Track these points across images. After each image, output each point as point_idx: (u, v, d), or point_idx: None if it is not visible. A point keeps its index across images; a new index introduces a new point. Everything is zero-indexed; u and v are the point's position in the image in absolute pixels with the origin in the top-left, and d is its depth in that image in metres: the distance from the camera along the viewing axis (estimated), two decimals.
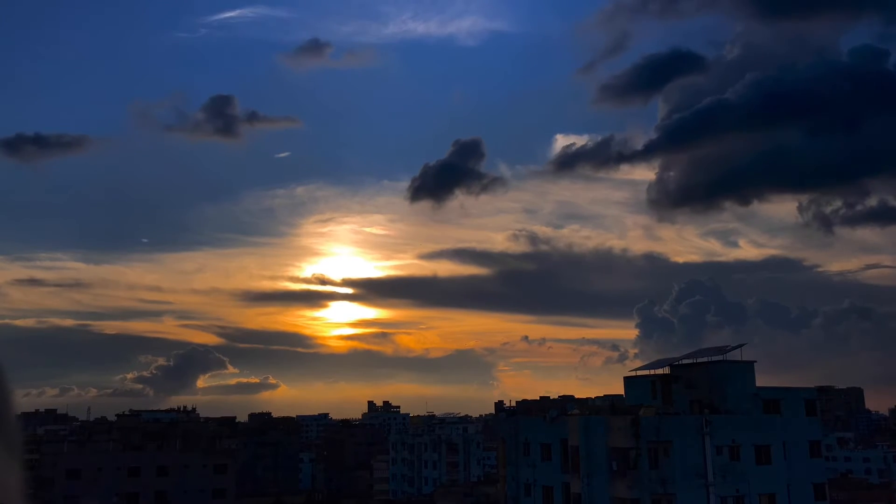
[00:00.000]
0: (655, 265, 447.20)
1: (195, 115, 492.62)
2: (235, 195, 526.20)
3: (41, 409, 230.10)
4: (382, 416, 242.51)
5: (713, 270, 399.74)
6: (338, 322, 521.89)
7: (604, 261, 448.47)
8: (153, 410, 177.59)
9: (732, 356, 59.64)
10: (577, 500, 52.68)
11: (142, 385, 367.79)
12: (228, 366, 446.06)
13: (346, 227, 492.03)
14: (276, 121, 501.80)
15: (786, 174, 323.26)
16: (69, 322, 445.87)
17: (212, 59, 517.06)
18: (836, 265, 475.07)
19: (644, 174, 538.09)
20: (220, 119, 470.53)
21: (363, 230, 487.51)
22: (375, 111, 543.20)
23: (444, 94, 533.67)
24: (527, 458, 58.67)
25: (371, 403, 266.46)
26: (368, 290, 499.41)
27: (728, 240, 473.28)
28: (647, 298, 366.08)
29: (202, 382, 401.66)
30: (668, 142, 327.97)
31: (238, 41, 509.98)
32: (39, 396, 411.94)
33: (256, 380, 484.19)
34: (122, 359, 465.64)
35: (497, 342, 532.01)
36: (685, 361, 62.00)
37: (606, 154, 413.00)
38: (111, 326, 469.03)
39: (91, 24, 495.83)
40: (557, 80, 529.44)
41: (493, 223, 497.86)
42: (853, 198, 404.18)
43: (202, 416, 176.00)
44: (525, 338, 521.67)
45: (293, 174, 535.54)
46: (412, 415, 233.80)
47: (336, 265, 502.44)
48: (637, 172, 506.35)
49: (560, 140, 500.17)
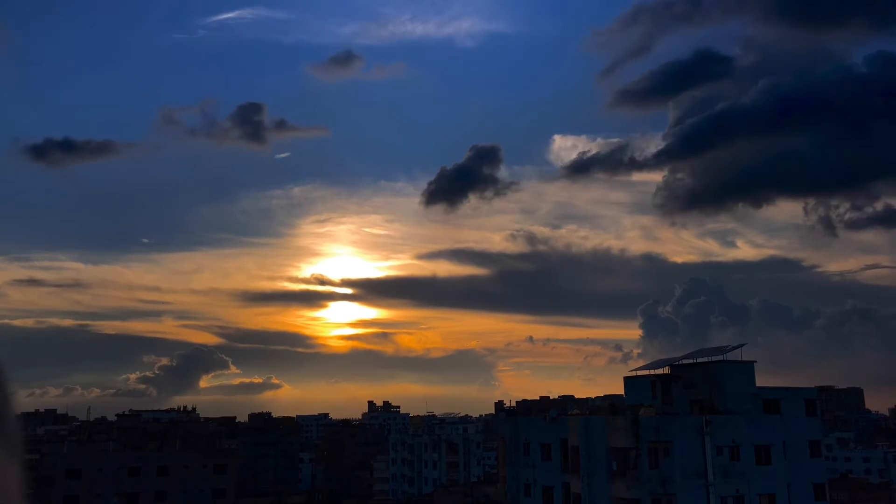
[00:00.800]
0: (654, 265, 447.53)
1: (223, 122, 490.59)
2: (232, 196, 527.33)
3: (41, 409, 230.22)
4: (382, 416, 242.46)
5: (712, 271, 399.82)
6: (338, 322, 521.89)
7: (602, 261, 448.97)
8: (153, 410, 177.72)
9: (732, 356, 59.61)
10: (577, 500, 52.68)
11: (145, 385, 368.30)
12: (231, 366, 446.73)
13: (344, 228, 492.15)
14: (305, 129, 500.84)
15: (795, 177, 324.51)
16: (68, 322, 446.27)
17: (238, 66, 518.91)
18: (835, 265, 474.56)
19: (642, 176, 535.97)
20: (249, 125, 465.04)
21: (361, 230, 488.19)
22: (388, 117, 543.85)
23: (455, 99, 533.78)
24: (527, 458, 58.66)
25: (371, 403, 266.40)
26: (367, 291, 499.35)
27: (726, 240, 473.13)
28: (652, 298, 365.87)
29: (205, 383, 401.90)
30: (680, 146, 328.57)
31: (264, 48, 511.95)
32: (42, 396, 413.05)
33: (259, 379, 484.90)
34: (123, 359, 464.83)
35: (497, 342, 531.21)
36: (685, 361, 61.96)
37: (619, 160, 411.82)
38: (111, 326, 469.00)
39: (115, 28, 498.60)
40: (557, 82, 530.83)
41: (491, 223, 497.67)
42: (861, 201, 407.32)
43: (202, 416, 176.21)
44: (529, 338, 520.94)
45: (290, 175, 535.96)
46: (412, 415, 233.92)
47: (335, 265, 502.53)
48: (635, 174, 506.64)
49: (558, 141, 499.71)
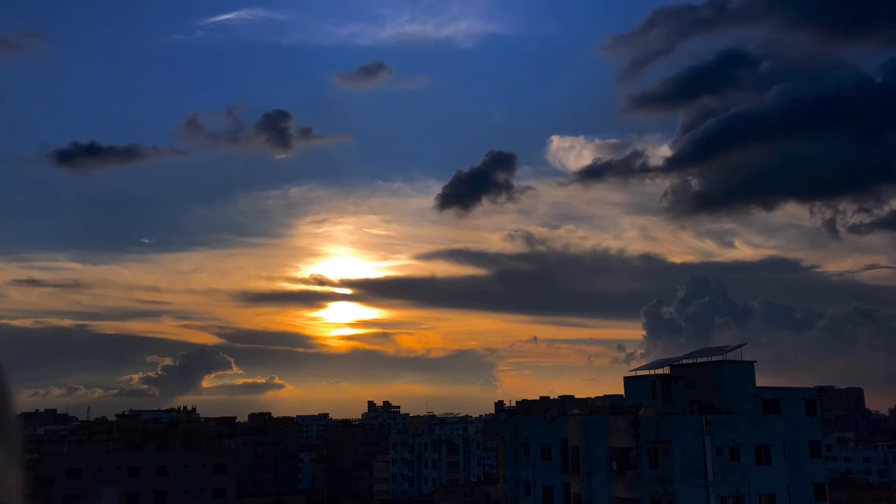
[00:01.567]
0: (653, 265, 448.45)
1: (248, 128, 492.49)
2: (230, 196, 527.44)
3: (41, 409, 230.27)
4: (382, 416, 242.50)
5: (711, 271, 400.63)
6: (337, 322, 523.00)
7: (601, 261, 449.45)
8: (153, 410, 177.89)
9: (732, 356, 59.52)
10: (577, 500, 52.66)
11: (148, 385, 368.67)
12: (234, 366, 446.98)
13: (342, 228, 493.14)
14: (327, 137, 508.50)
15: (805, 181, 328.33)
16: (67, 322, 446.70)
17: (266, 74, 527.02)
18: (833, 266, 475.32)
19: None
20: (274, 131, 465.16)
21: (358, 231, 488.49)
22: (389, 121, 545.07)
23: (455, 99, 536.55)
24: (527, 458, 58.63)
25: (371, 403, 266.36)
26: (367, 291, 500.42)
27: (724, 240, 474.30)
28: (656, 298, 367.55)
29: (207, 383, 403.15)
30: (692, 150, 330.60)
31: (264, 49, 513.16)
32: (46, 396, 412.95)
33: (263, 380, 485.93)
34: (123, 359, 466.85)
35: (497, 342, 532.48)
36: (685, 361, 61.85)
37: (632, 165, 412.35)
38: (110, 327, 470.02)
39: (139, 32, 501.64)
40: (556, 83, 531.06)
41: (488, 224, 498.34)
42: (869, 204, 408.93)
43: (202, 416, 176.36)
44: (534, 338, 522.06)
45: (286, 175, 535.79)
46: (412, 415, 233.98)
47: (334, 266, 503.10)
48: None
49: (556, 142, 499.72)
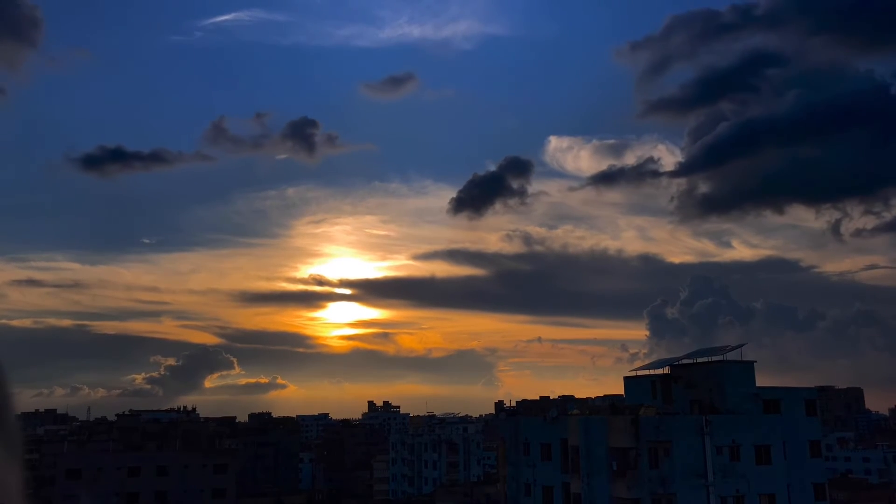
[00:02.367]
0: (652, 266, 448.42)
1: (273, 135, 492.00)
2: (226, 196, 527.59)
3: (41, 409, 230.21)
4: (382, 416, 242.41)
5: (710, 271, 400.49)
6: (337, 322, 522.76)
7: (600, 261, 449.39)
8: (153, 410, 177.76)
9: (733, 356, 59.54)
10: (577, 500, 52.64)
11: (151, 385, 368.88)
12: (236, 366, 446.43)
13: (340, 228, 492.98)
14: (352, 145, 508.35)
15: (814, 185, 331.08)
16: (66, 322, 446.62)
17: (293, 81, 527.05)
18: (831, 266, 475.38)
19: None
20: (301, 138, 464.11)
21: (356, 231, 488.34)
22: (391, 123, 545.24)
23: (456, 100, 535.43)
24: (527, 458, 58.61)
25: (371, 403, 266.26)
26: (366, 291, 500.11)
27: (721, 240, 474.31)
28: (660, 298, 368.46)
29: (210, 383, 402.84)
30: (704, 154, 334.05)
31: (264, 50, 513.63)
32: (49, 396, 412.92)
33: (266, 379, 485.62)
34: (124, 359, 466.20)
35: (497, 342, 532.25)
36: (685, 361, 61.87)
37: (645, 170, 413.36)
38: (110, 327, 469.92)
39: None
40: (556, 83, 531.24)
41: (486, 224, 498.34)
42: (878, 207, 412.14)
43: (202, 416, 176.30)
44: (538, 339, 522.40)
45: (283, 176, 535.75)
46: (412, 415, 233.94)
47: (332, 266, 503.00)
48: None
49: (554, 142, 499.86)
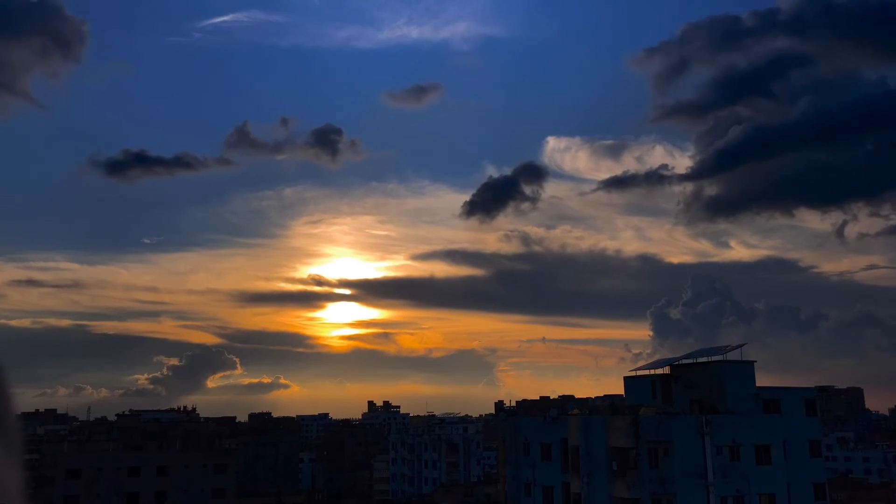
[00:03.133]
0: (650, 266, 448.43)
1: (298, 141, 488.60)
2: (223, 197, 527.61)
3: (41, 409, 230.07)
4: (382, 416, 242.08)
5: (708, 271, 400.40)
6: (337, 322, 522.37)
7: (598, 261, 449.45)
8: (153, 410, 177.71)
9: (732, 356, 59.55)
10: (577, 500, 52.65)
11: (154, 385, 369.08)
12: (239, 366, 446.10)
13: (337, 228, 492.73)
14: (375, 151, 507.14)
15: (823, 188, 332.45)
16: (65, 322, 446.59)
17: (318, 88, 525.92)
18: (830, 266, 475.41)
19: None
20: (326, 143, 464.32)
21: (354, 231, 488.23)
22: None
23: (457, 101, 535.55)
24: (527, 458, 58.64)
25: (371, 403, 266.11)
26: (365, 291, 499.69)
27: (719, 240, 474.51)
28: (664, 298, 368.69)
29: (212, 383, 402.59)
30: (715, 158, 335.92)
31: (263, 51, 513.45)
32: (52, 396, 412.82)
33: (269, 379, 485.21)
34: (124, 359, 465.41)
35: (497, 342, 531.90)
36: (685, 361, 61.89)
37: (657, 175, 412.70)
38: (109, 327, 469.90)
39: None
40: (554, 84, 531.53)
41: (483, 224, 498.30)
42: (886, 210, 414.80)
43: (202, 416, 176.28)
44: (542, 339, 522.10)
45: (280, 176, 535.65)
46: (412, 415, 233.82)
47: (331, 266, 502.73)
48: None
49: (552, 142, 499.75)
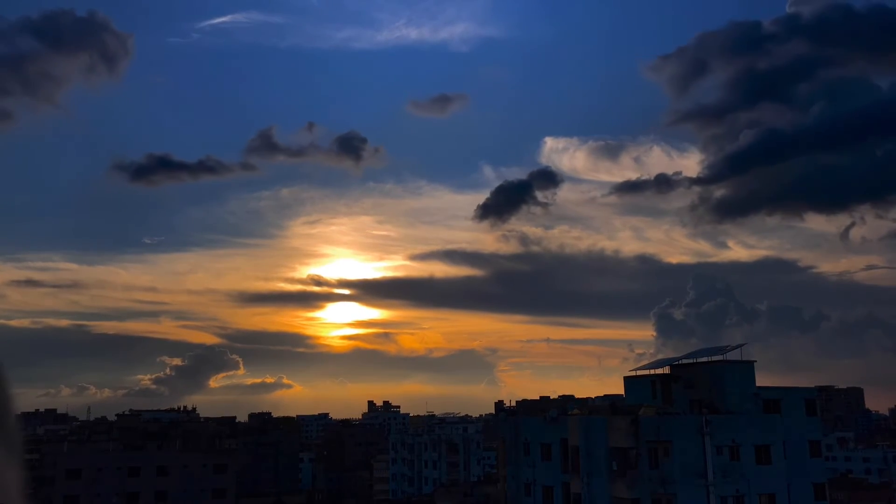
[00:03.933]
0: (649, 266, 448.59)
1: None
2: (220, 197, 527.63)
3: (41, 409, 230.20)
4: (382, 416, 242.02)
5: (707, 271, 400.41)
6: (337, 322, 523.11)
7: (597, 262, 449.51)
8: (153, 410, 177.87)
9: (733, 356, 59.53)
10: (577, 500, 52.64)
11: (157, 385, 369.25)
12: (241, 367, 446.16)
13: (336, 229, 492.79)
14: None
15: (830, 191, 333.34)
16: (64, 322, 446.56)
17: (338, 93, 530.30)
18: (828, 266, 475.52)
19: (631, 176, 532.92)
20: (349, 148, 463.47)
21: (352, 231, 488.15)
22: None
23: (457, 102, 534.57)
24: (527, 458, 58.65)
25: (371, 403, 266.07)
26: (365, 291, 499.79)
27: (717, 241, 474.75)
28: (668, 298, 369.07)
29: (214, 383, 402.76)
30: (724, 162, 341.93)
31: (263, 52, 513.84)
32: (56, 396, 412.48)
33: (272, 379, 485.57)
34: (124, 359, 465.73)
35: (497, 342, 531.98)
36: (685, 361, 61.89)
37: (669, 180, 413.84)
38: (109, 327, 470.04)
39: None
40: (553, 84, 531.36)
41: (481, 224, 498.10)
42: (894, 213, 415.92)
43: (202, 416, 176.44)
44: (547, 339, 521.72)
45: (278, 176, 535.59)
46: (412, 414, 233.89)
47: (330, 266, 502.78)
48: (628, 175, 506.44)
49: (549, 143, 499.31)
